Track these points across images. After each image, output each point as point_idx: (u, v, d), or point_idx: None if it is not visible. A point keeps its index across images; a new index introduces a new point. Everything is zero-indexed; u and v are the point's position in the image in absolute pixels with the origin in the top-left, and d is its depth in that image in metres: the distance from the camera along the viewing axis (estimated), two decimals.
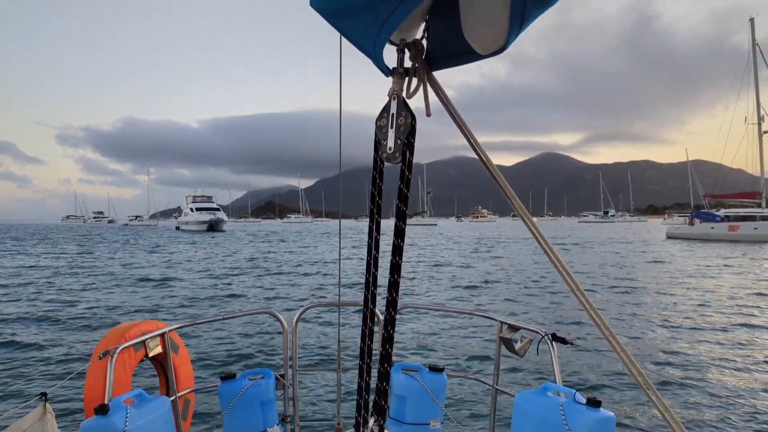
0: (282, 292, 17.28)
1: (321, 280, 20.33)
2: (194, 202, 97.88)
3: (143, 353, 3.47)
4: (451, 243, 48.82)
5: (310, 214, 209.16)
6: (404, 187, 1.54)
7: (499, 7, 1.31)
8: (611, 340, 1.75)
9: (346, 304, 4.00)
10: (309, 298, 16.07)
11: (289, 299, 15.83)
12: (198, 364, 8.51)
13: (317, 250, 38.41)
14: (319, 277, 21.61)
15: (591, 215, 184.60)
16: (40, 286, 19.32)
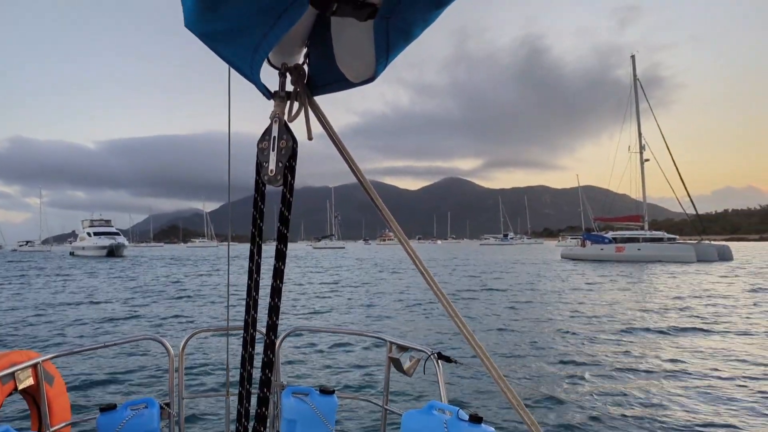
0: (173, 318, 16.56)
1: (214, 305, 19.65)
2: (92, 226, 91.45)
3: (12, 386, 3.20)
4: (355, 265, 49.01)
5: (215, 238, 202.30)
6: (285, 210, 1.55)
7: (364, 39, 1.35)
8: (483, 359, 1.81)
9: (234, 328, 3.91)
10: (198, 323, 15.50)
11: (179, 325, 15.18)
12: (76, 395, 7.98)
13: (218, 275, 37.16)
14: (214, 301, 20.87)
15: (492, 238, 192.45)
16: None
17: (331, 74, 1.57)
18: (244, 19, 1.23)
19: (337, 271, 40.64)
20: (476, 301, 20.60)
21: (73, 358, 9.77)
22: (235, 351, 7.80)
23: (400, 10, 1.24)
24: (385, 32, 1.31)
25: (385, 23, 1.28)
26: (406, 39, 1.33)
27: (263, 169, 1.53)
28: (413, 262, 1.77)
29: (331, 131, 1.63)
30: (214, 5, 1.21)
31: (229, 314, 3.50)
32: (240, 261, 57.77)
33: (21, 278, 36.54)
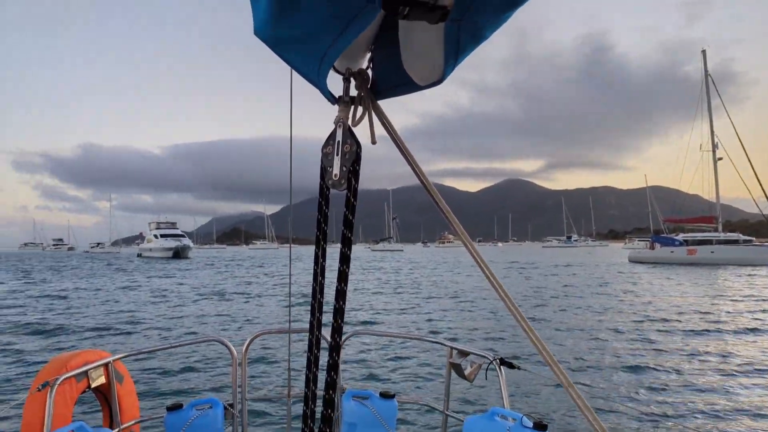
0: (237, 319, 16.99)
1: (276, 306, 20.03)
2: (158, 228, 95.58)
3: (85, 384, 3.35)
4: (414, 268, 48.91)
5: (275, 240, 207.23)
6: (350, 213, 1.57)
7: (434, 41, 1.35)
8: (552, 365, 1.77)
9: (295, 331, 3.98)
10: (263, 324, 15.82)
11: (243, 326, 15.55)
12: (144, 394, 8.23)
13: (280, 276, 37.94)
14: (276, 302, 21.28)
15: (554, 240, 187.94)
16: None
17: (395, 78, 1.57)
18: (315, 26, 1.25)
19: (396, 274, 40.69)
20: (541, 305, 20.11)
21: (141, 357, 10.17)
22: (296, 352, 7.99)
23: (472, 13, 1.23)
24: (455, 35, 1.31)
25: (456, 26, 1.28)
26: (477, 41, 1.33)
27: (327, 173, 1.54)
28: (477, 265, 1.75)
29: (395, 135, 1.63)
30: (286, 13, 1.23)
31: (291, 316, 3.54)
32: (298, 263, 58.89)
33: (96, 278, 38.57)
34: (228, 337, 13.20)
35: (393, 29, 1.47)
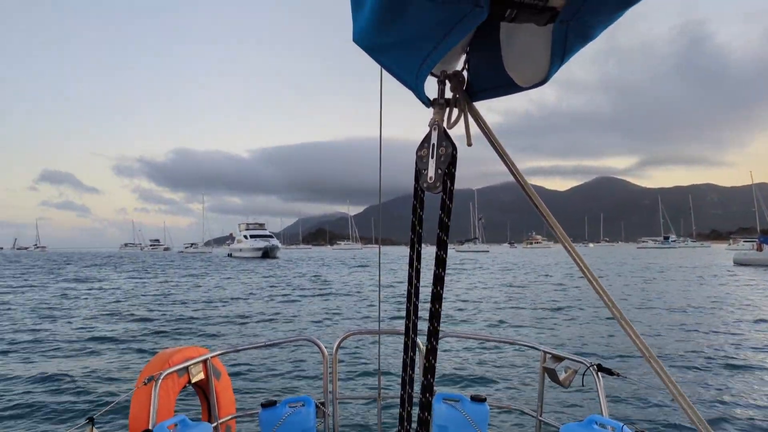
0: (326, 318, 17.34)
1: (365, 307, 20.25)
2: (247, 229, 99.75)
3: (186, 379, 3.52)
4: (501, 269, 47.98)
5: (359, 241, 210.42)
6: (445, 216, 1.56)
7: (539, 41, 1.32)
8: (660, 373, 1.69)
9: (386, 332, 3.99)
10: (352, 324, 16.03)
11: (332, 326, 15.85)
12: (239, 390, 8.56)
13: (365, 276, 38.44)
14: (364, 303, 21.54)
15: (650, 240, 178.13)
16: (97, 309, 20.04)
17: (493, 80, 1.56)
18: (417, 32, 1.26)
19: (483, 275, 40.10)
20: (640, 309, 19.08)
21: (237, 354, 10.59)
22: (386, 354, 8.03)
23: (583, 13, 1.20)
24: (563, 35, 1.28)
25: (564, 26, 1.25)
26: (585, 41, 1.30)
27: (422, 176, 1.54)
28: (578, 266, 1.68)
29: (492, 137, 1.60)
30: (390, 20, 1.24)
31: (380, 317, 3.55)
32: (383, 264, 59.38)
33: (194, 277, 40.87)
34: (318, 335, 13.52)
35: (491, 30, 1.45)
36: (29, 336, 14.53)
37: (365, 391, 8.63)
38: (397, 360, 8.34)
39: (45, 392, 8.79)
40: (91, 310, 20.21)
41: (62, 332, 15.11)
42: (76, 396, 8.62)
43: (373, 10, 1.25)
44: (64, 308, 21.11)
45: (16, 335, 14.71)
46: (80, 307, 21.54)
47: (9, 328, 16.07)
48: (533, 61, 1.38)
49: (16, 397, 8.56)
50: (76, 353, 12.15)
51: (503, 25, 1.40)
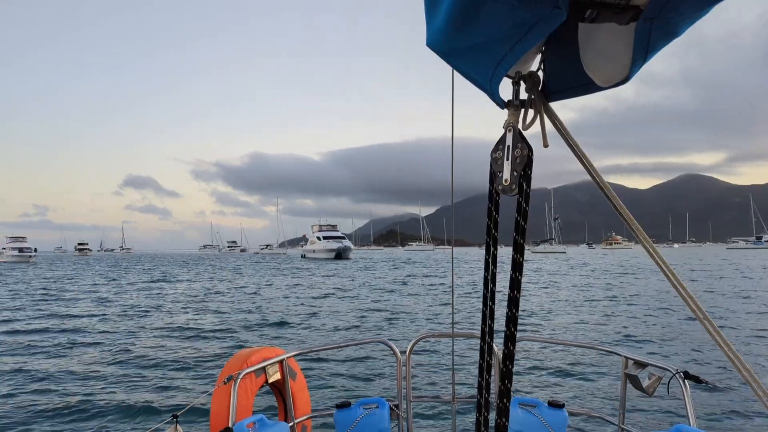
0: (400, 320, 17.37)
1: (438, 309, 20.15)
2: (320, 230, 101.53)
3: (263, 379, 3.61)
4: (579, 271, 46.37)
5: (431, 242, 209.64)
6: (522, 219, 1.53)
7: (620, 40, 1.29)
8: (752, 383, 1.61)
9: (460, 335, 3.95)
10: (427, 326, 15.97)
11: (405, 327, 15.86)
12: (313, 391, 8.71)
13: (439, 279, 38.27)
14: (437, 304, 21.44)
15: (741, 241, 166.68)
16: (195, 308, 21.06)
17: (570, 79, 1.53)
18: (493, 35, 1.25)
19: (561, 277, 38.95)
20: (733, 314, 17.91)
21: (311, 355, 10.82)
22: (460, 356, 7.96)
23: (668, 10, 1.16)
24: (646, 34, 1.24)
25: (648, 24, 1.22)
26: (669, 38, 1.26)
27: (497, 178, 1.52)
28: (659, 268, 1.61)
29: (568, 137, 1.56)
30: (465, 24, 1.24)
31: (453, 319, 3.51)
32: (455, 265, 58.92)
33: (275, 277, 42.17)
34: (391, 337, 13.60)
35: (569, 29, 1.41)
36: (123, 332, 15.50)
37: (439, 394, 8.60)
38: (471, 363, 8.34)
39: (132, 389, 9.30)
40: (184, 308, 21.31)
41: (153, 329, 16.02)
42: (160, 392, 9.08)
43: (447, 14, 1.25)
44: (161, 306, 22.37)
45: (113, 334, 15.72)
46: (173, 303, 22.77)
47: (113, 326, 17.21)
48: (614, 60, 1.35)
49: (104, 392, 9.12)
50: (163, 350, 12.82)
51: (582, 24, 1.37)
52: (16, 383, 9.79)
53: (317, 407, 6.80)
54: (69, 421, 7.73)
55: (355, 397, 8.28)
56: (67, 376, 10.28)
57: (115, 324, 17.30)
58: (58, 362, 11.58)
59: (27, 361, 11.77)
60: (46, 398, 8.81)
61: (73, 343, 13.92)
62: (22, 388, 9.47)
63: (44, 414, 7.97)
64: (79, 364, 11.30)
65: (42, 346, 13.42)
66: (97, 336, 15.01)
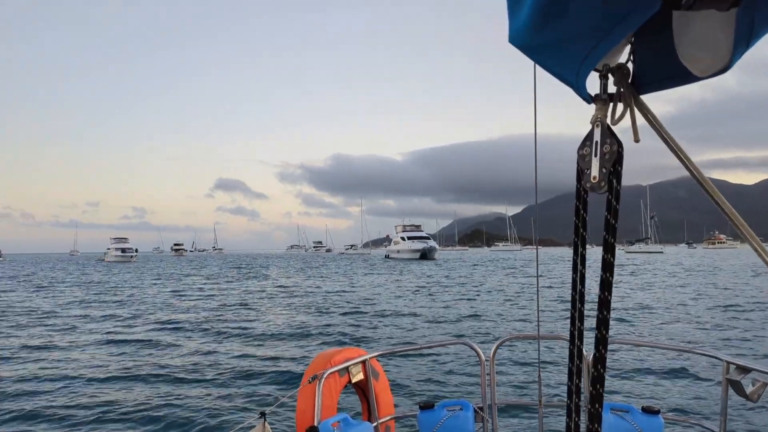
0: (483, 321, 17.14)
1: (523, 311, 19.66)
2: (404, 231, 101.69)
3: (347, 379, 3.66)
4: (679, 272, 43.65)
5: (518, 242, 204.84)
6: (612, 218, 1.46)
7: (720, 27, 1.21)
8: None
9: (545, 337, 3.83)
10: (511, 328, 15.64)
11: (488, 328, 15.59)
12: (396, 391, 8.70)
13: (525, 279, 37.37)
14: (522, 306, 20.93)
15: None
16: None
17: (662, 70, 1.45)
18: (581, 29, 1.22)
19: (659, 278, 36.89)
20: None
21: (394, 356, 10.84)
22: (545, 359, 7.74)
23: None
24: (749, 19, 1.17)
25: (750, 10, 1.14)
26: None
27: (585, 176, 1.47)
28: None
29: (662, 130, 1.49)
30: (551, 19, 1.22)
31: (539, 321, 3.42)
32: (543, 265, 57.38)
33: (362, 276, 42.92)
34: (473, 338, 13.44)
35: (661, 17, 1.34)
36: (220, 329, 16.36)
37: (524, 398, 8.38)
38: (556, 366, 8.08)
39: (220, 386, 9.72)
40: (279, 307, 22.20)
41: (250, 327, 16.78)
42: (248, 390, 9.43)
43: (533, 9, 1.22)
44: (259, 305, 23.44)
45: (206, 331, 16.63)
46: (267, 299, 23.79)
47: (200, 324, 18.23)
48: (713, 48, 1.26)
49: (195, 388, 9.59)
50: (253, 348, 13.39)
51: (677, 12, 1.31)
52: (113, 375, 10.59)
53: (400, 408, 6.83)
54: (158, 417, 8.12)
55: (437, 398, 8.26)
56: (159, 371, 11.03)
57: (216, 318, 18.33)
58: (158, 357, 12.40)
59: (129, 353, 12.70)
60: (134, 395, 9.40)
61: (176, 338, 14.87)
62: (111, 384, 10.22)
63: (135, 412, 8.39)
64: (172, 360, 12.07)
65: (152, 341, 14.45)
66: (197, 333, 15.95)
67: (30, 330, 16.56)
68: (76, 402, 8.74)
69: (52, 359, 12.07)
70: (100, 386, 9.72)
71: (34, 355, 12.57)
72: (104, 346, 13.73)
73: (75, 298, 27.48)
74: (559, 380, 8.93)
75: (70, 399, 8.92)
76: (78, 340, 14.69)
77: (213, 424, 7.66)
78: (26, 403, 8.68)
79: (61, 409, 8.35)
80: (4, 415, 8.11)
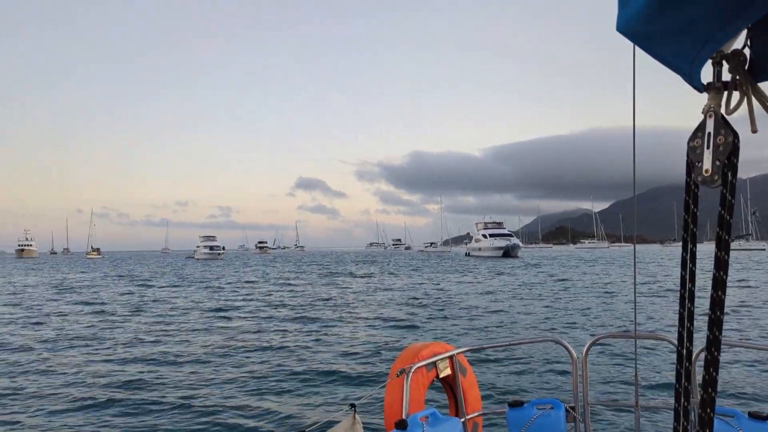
0: (572, 318, 16.59)
1: (615, 308, 18.84)
2: (485, 228, 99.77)
3: (434, 374, 3.66)
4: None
5: (605, 239, 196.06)
6: (726, 213, 1.39)
7: None
8: None
9: (643, 336, 3.67)
10: (603, 326, 15.03)
11: (579, 326, 15.07)
12: (483, 387, 8.66)
13: (614, 277, 35.78)
14: (614, 304, 20.06)
15: None
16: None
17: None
18: (701, 15, 1.16)
19: (761, 275, 34.21)
20: None
21: (482, 352, 10.71)
22: (642, 360, 7.40)
23: None
24: None
25: None
26: None
27: (695, 168, 1.41)
28: None
29: None
30: (668, 5, 1.17)
31: (636, 319, 3.32)
32: (639, 265, 54.33)
33: (452, 275, 42.77)
34: (563, 335, 13.06)
35: None
36: (317, 323, 16.90)
37: (619, 398, 8.06)
38: (651, 367, 7.69)
39: (310, 379, 9.95)
40: (364, 301, 22.65)
41: (340, 324, 17.24)
42: (337, 383, 9.64)
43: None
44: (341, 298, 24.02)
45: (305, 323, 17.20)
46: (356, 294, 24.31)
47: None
48: None
49: (285, 381, 9.83)
50: (340, 341, 13.73)
51: None
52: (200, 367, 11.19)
53: (487, 404, 6.78)
54: (249, 405, 8.42)
55: (525, 396, 8.11)
56: (253, 356, 11.53)
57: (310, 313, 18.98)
58: (257, 342, 12.98)
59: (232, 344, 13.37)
60: (227, 378, 9.89)
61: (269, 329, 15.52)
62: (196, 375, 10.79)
63: (229, 397, 8.80)
64: (267, 348, 12.59)
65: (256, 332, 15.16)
66: (289, 322, 16.59)
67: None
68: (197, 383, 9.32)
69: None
70: (198, 367, 10.33)
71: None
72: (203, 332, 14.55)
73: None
74: (656, 381, 8.53)
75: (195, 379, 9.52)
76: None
77: (304, 414, 7.86)
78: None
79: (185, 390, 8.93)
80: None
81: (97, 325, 17.15)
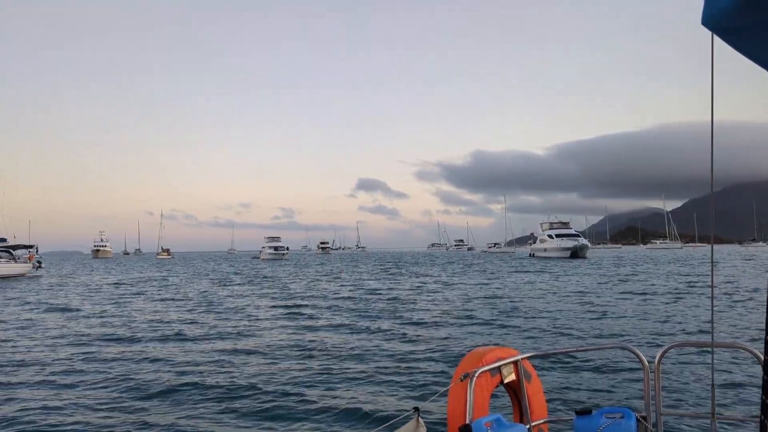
0: (644, 324, 15.91)
1: (689, 314, 17.91)
2: (551, 228, 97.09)
3: (498, 379, 3.60)
4: None
5: (678, 239, 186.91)
6: None
7: None
8: None
9: (721, 345, 3.46)
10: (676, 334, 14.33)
11: (652, 333, 14.40)
12: (549, 393, 8.30)
13: (694, 279, 34.09)
14: (688, 310, 19.08)
15: None
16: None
17: None
18: None
19: None
20: None
21: (547, 358, 10.50)
22: (720, 368, 6.99)
23: None
24: None
25: None
26: None
27: None
28: None
29: None
30: None
31: (713, 327, 3.13)
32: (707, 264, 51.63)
33: (520, 275, 42.17)
34: (634, 342, 12.54)
35: None
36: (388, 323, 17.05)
37: (693, 409, 7.66)
38: (728, 377, 7.25)
39: (374, 382, 9.91)
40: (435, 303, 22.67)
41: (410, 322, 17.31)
42: (400, 386, 9.59)
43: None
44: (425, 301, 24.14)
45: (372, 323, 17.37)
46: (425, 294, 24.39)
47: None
48: None
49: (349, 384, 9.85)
50: (403, 343, 13.75)
51: None
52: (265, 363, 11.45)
53: (553, 411, 6.58)
54: (312, 400, 8.55)
55: (592, 404, 7.82)
56: (320, 354, 11.70)
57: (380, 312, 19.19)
58: (325, 342, 13.21)
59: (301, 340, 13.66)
60: (294, 376, 10.09)
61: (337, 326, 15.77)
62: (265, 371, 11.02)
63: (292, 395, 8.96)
64: (333, 347, 12.76)
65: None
66: (356, 321, 16.83)
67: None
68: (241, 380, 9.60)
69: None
70: (264, 363, 10.61)
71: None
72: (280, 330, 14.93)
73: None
74: (734, 392, 8.03)
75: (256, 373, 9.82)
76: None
77: (367, 415, 7.88)
78: None
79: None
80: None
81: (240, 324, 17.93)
